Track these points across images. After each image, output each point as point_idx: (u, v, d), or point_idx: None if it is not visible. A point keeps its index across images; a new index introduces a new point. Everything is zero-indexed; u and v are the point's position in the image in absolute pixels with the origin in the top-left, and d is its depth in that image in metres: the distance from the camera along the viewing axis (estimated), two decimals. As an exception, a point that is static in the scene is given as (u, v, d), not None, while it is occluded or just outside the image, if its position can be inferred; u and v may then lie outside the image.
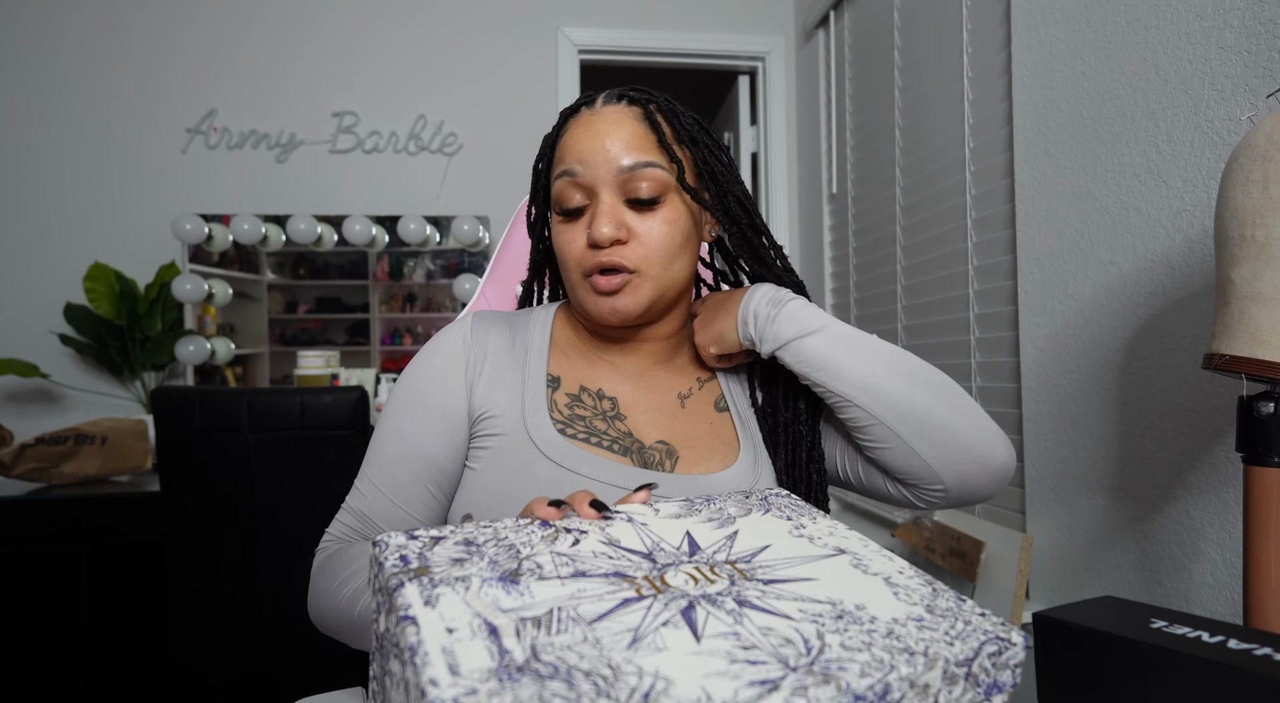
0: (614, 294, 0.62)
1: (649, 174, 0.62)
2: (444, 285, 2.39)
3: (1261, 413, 0.64)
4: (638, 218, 0.62)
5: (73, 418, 2.12)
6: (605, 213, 0.61)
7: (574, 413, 0.64)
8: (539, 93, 2.35)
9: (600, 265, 0.61)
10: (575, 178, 0.62)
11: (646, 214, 0.62)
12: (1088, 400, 1.15)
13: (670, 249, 0.63)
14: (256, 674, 1.34)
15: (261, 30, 2.25)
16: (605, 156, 0.61)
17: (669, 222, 0.63)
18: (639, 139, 0.62)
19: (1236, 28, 0.91)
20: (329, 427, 1.29)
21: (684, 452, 0.65)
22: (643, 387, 0.68)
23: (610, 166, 0.61)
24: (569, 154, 0.63)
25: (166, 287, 2.14)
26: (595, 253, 0.61)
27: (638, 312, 0.63)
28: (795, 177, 2.49)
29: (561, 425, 0.63)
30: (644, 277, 0.62)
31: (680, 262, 0.64)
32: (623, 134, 0.62)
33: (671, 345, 0.71)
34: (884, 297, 1.88)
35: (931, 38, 1.64)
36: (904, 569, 0.40)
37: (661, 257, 0.62)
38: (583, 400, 0.65)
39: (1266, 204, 0.60)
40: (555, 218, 0.65)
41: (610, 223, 0.60)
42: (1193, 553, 0.97)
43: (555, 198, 0.64)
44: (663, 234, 0.62)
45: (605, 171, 0.61)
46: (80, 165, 2.16)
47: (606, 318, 0.63)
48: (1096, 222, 1.13)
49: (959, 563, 1.35)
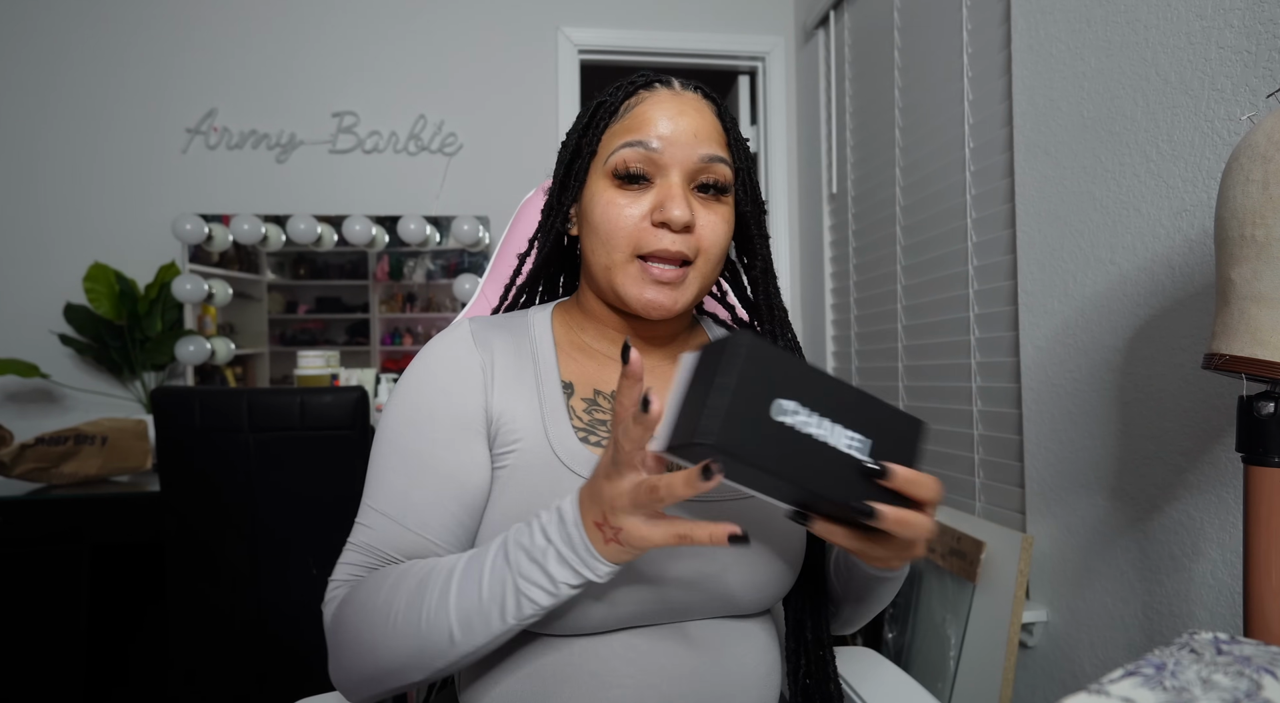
0: (668, 286, 0.60)
1: (721, 170, 0.61)
2: (444, 285, 2.39)
3: (1261, 413, 0.64)
4: (702, 209, 0.61)
5: (73, 418, 2.12)
6: (679, 196, 0.59)
7: (594, 418, 0.61)
8: (539, 93, 2.35)
9: (666, 252, 0.59)
10: (650, 151, 0.59)
11: (711, 206, 0.61)
12: (1088, 400, 1.15)
13: (722, 248, 0.63)
14: (256, 674, 1.34)
15: (261, 30, 2.25)
16: (689, 140, 0.60)
17: (727, 221, 0.63)
18: (718, 133, 0.62)
19: (1236, 28, 0.91)
20: (329, 427, 1.29)
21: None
22: (656, 385, 0.66)
23: (691, 150, 0.60)
24: (647, 125, 0.60)
25: (166, 287, 2.14)
26: (658, 234, 0.59)
27: (682, 308, 0.62)
28: (795, 176, 2.49)
29: (584, 433, 0.60)
30: (696, 272, 0.61)
31: (720, 263, 0.64)
32: (705, 125, 0.61)
33: (678, 343, 0.70)
34: (884, 297, 1.88)
35: (931, 38, 1.64)
36: None
37: (716, 253, 0.62)
38: (600, 404, 0.63)
39: (1266, 204, 0.60)
40: (607, 184, 0.61)
41: (684, 206, 0.58)
42: (1193, 553, 0.97)
43: (617, 163, 0.60)
44: (722, 231, 0.62)
45: (685, 155, 0.60)
46: (80, 165, 2.16)
47: (651, 310, 0.60)
48: (1096, 222, 1.13)
49: (959, 563, 1.35)
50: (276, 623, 1.31)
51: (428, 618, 0.51)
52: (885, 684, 0.76)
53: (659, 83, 0.63)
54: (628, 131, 0.61)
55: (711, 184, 0.61)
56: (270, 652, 1.33)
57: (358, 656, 0.53)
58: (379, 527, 0.58)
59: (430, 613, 0.51)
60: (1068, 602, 1.20)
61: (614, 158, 0.60)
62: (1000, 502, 1.40)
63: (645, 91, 0.62)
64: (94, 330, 2.09)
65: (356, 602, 0.55)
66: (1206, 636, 0.39)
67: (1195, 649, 0.38)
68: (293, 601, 1.29)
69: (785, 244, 2.49)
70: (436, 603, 0.51)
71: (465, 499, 0.58)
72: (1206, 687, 0.34)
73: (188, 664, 1.34)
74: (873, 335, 1.96)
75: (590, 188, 0.63)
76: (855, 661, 0.81)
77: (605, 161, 0.61)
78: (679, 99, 0.62)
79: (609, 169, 0.61)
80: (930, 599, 1.43)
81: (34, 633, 1.56)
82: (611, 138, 0.62)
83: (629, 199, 0.60)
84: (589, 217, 0.62)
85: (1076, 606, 1.18)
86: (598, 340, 0.67)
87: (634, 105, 0.62)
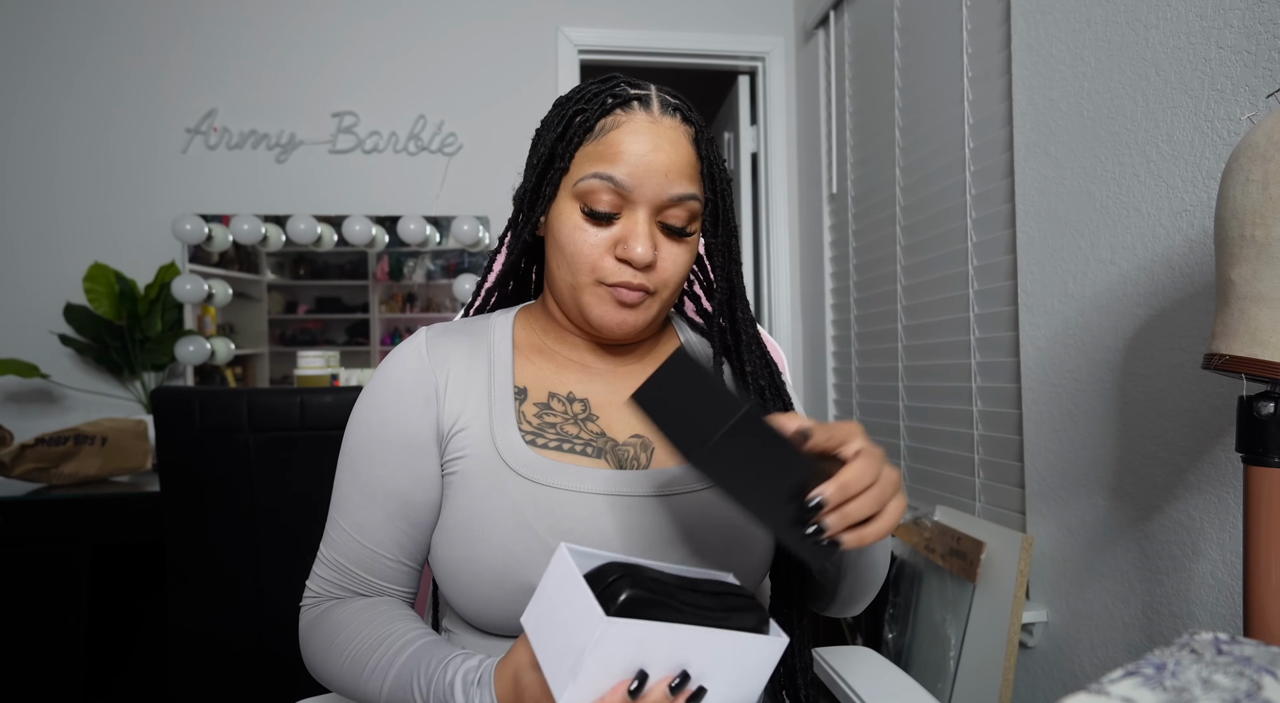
0: (632, 308, 0.61)
1: (690, 206, 0.61)
2: (444, 285, 2.39)
3: (1261, 413, 0.64)
4: (665, 243, 0.61)
5: (73, 418, 2.12)
6: (644, 234, 0.59)
7: (544, 421, 0.62)
8: (539, 92, 2.35)
9: (628, 284, 0.60)
10: (616, 186, 0.59)
11: (674, 242, 0.62)
12: (1088, 400, 1.15)
13: (683, 277, 0.63)
14: (256, 674, 1.34)
15: (261, 30, 2.25)
16: (659, 181, 0.59)
17: (691, 251, 0.63)
18: (691, 167, 0.61)
19: (1236, 28, 0.91)
20: (329, 427, 1.29)
21: (660, 444, 0.64)
22: (615, 384, 0.67)
23: (660, 192, 0.59)
24: (619, 159, 0.59)
25: (166, 287, 2.14)
26: (620, 268, 0.60)
27: (643, 328, 0.63)
28: (795, 177, 2.49)
29: (531, 436, 0.61)
30: (657, 298, 0.62)
31: (681, 287, 0.65)
32: (679, 160, 0.60)
33: (649, 342, 0.71)
34: (884, 297, 1.88)
35: (931, 38, 1.64)
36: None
37: (676, 283, 0.63)
38: (552, 407, 0.64)
39: (1266, 204, 0.60)
40: (574, 209, 0.61)
41: (648, 244, 0.59)
42: (1193, 553, 0.97)
43: (584, 194, 0.60)
44: (683, 264, 0.63)
45: (653, 194, 0.59)
46: (80, 165, 2.16)
47: (614, 330, 0.62)
48: (1096, 222, 1.13)
49: (959, 563, 1.35)
50: (277, 623, 1.31)
51: (367, 680, 0.57)
52: (885, 684, 0.76)
53: (638, 102, 0.60)
54: (599, 159, 0.59)
55: (675, 227, 0.61)
56: (271, 652, 1.33)
57: (317, 668, 0.62)
58: (340, 542, 0.63)
59: (369, 676, 0.57)
60: (1068, 602, 1.20)
61: (582, 185, 0.59)
62: (1000, 502, 1.40)
63: (622, 112, 0.60)
64: (94, 330, 2.09)
65: (319, 631, 0.61)
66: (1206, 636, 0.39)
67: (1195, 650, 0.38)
68: (293, 601, 1.29)
69: (785, 244, 2.49)
70: (372, 671, 0.57)
71: (414, 517, 0.62)
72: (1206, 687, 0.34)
73: (188, 665, 1.34)
74: (873, 335, 1.96)
75: (559, 205, 0.62)
76: (855, 661, 0.81)
77: (574, 185, 0.60)
78: (655, 128, 0.59)
79: (576, 194, 0.60)
80: (930, 599, 1.43)
81: (34, 633, 1.56)
82: (583, 160, 0.60)
83: (595, 231, 0.60)
84: (555, 234, 0.62)
85: (1076, 606, 1.18)
86: (559, 344, 0.68)
87: (609, 127, 0.60)
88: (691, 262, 0.64)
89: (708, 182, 0.63)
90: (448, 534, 0.60)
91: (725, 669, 0.47)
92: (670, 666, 0.45)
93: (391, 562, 0.62)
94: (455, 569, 0.59)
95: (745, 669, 0.48)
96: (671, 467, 0.63)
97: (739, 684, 0.48)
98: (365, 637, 0.58)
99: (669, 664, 0.45)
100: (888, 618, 1.54)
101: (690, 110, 0.64)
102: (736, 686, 0.48)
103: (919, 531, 1.52)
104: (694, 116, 0.63)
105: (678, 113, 0.62)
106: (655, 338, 0.72)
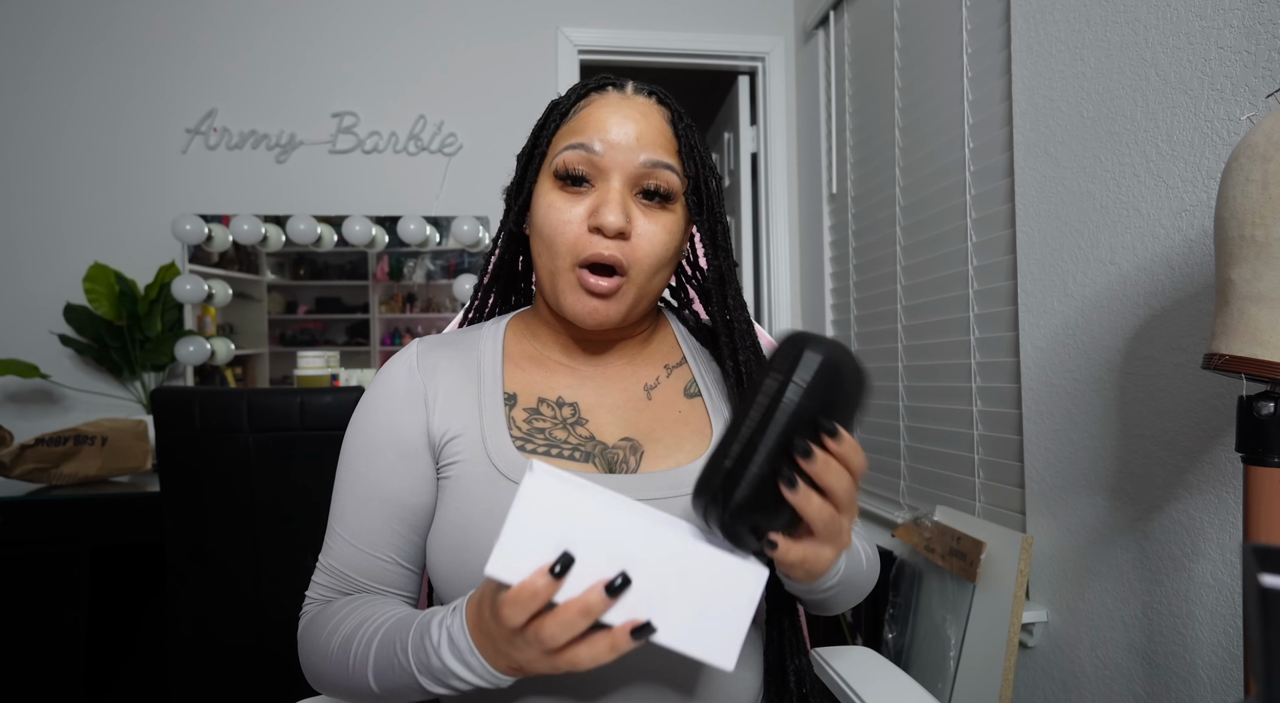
0: (603, 297, 0.60)
1: (664, 176, 0.61)
2: (444, 286, 2.39)
3: (1261, 413, 0.64)
4: (642, 216, 0.60)
5: (73, 418, 2.12)
6: (615, 200, 0.59)
7: (533, 426, 0.63)
8: (539, 93, 2.35)
9: (599, 257, 0.59)
10: (591, 154, 0.59)
11: (653, 214, 0.61)
12: (1088, 400, 1.15)
13: (662, 258, 0.62)
14: (257, 674, 1.34)
15: (261, 30, 2.25)
16: (631, 144, 0.59)
17: (669, 230, 0.62)
18: (665, 139, 0.62)
19: (1236, 28, 0.91)
20: (329, 427, 1.29)
21: (650, 446, 0.63)
22: (605, 386, 0.66)
23: (633, 155, 0.59)
24: (591, 127, 0.60)
25: (166, 287, 2.14)
26: (593, 240, 0.59)
27: (618, 319, 0.62)
28: (795, 177, 2.49)
29: (521, 441, 0.61)
30: (631, 283, 0.61)
31: (662, 274, 0.64)
32: (651, 129, 0.61)
33: (636, 342, 0.70)
34: (884, 297, 1.88)
35: (931, 38, 1.64)
36: None
37: (653, 263, 0.61)
38: (542, 413, 0.64)
39: (1266, 204, 0.60)
40: (551, 186, 0.61)
41: (619, 212, 0.58)
42: (1193, 553, 0.97)
43: (560, 164, 0.60)
44: (662, 241, 0.61)
45: (626, 159, 0.59)
46: (80, 166, 2.16)
47: (585, 320, 0.61)
48: (1096, 222, 1.13)
49: (959, 563, 1.35)
50: (277, 623, 1.31)
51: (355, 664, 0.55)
52: (885, 684, 0.76)
53: (612, 86, 0.63)
54: (573, 133, 0.61)
55: (654, 190, 0.61)
56: (270, 652, 1.33)
57: (312, 670, 0.60)
58: (339, 549, 0.63)
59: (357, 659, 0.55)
60: (1068, 602, 1.20)
61: (558, 160, 0.61)
62: (1000, 502, 1.40)
63: (596, 93, 0.63)
64: (94, 331, 2.09)
65: (313, 631, 0.60)
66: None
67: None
68: (293, 600, 1.29)
69: (785, 244, 2.49)
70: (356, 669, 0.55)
71: (410, 521, 0.62)
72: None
73: (188, 665, 1.34)
74: (873, 335, 1.96)
75: (538, 189, 0.63)
76: (855, 661, 0.81)
77: (551, 163, 0.62)
78: (627, 103, 0.62)
79: (553, 170, 0.61)
80: (930, 599, 1.43)
81: (34, 633, 1.56)
82: (559, 140, 0.62)
83: (570, 202, 0.60)
84: (535, 219, 0.63)
85: (1076, 606, 1.18)
86: (549, 347, 0.68)
87: (582, 107, 0.63)
88: (674, 246, 0.63)
89: (687, 161, 0.63)
90: (441, 538, 0.60)
91: (682, 589, 0.40)
92: (608, 558, 0.40)
93: (389, 564, 0.62)
94: (449, 572, 0.59)
95: (711, 601, 0.41)
96: (662, 469, 0.62)
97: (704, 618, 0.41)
98: (355, 617, 0.58)
99: (607, 556, 0.40)
100: (888, 618, 1.54)
101: (668, 98, 0.65)
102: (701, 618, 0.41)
103: (919, 531, 1.52)
104: (671, 102, 0.65)
105: (653, 96, 0.64)
106: (647, 337, 0.71)
